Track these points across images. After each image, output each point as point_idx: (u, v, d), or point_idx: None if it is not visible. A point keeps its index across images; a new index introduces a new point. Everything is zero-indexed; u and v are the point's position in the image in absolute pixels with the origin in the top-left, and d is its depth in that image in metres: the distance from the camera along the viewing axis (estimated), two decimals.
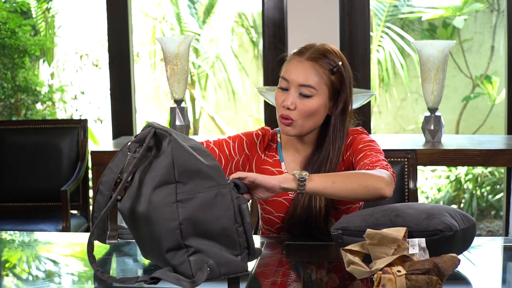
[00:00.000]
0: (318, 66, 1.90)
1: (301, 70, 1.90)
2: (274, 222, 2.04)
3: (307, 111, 1.90)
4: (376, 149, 1.94)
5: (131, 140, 1.60)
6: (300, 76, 1.90)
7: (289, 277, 1.68)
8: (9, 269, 1.79)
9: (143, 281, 1.49)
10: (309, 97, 1.90)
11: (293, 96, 1.90)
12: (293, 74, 1.91)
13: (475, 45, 5.74)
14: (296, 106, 1.90)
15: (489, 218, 5.34)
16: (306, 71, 1.90)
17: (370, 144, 1.95)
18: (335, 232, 1.68)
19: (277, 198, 2.01)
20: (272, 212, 2.03)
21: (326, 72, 1.91)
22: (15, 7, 5.06)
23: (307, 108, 1.90)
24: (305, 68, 1.90)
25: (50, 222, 3.42)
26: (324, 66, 1.91)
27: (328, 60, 1.91)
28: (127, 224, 1.60)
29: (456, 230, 1.60)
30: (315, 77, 1.90)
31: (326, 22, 3.79)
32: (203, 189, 1.50)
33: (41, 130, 3.77)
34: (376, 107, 5.84)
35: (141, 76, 6.12)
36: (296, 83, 1.90)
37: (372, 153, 1.92)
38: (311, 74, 1.90)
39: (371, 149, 1.93)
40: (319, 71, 1.90)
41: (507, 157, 3.20)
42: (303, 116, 1.90)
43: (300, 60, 1.91)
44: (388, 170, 1.82)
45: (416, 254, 1.49)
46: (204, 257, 1.49)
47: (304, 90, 1.90)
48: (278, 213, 2.02)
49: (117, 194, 1.56)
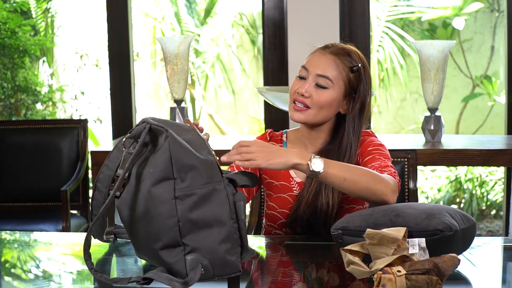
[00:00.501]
0: (339, 61, 1.94)
1: (322, 62, 1.94)
2: (276, 218, 2.04)
3: (321, 101, 1.93)
4: (385, 154, 1.96)
5: (126, 136, 1.59)
6: (320, 66, 1.94)
7: (289, 277, 1.68)
8: (9, 269, 1.79)
9: (135, 281, 1.49)
10: (324, 88, 1.93)
11: (310, 84, 1.94)
12: (313, 64, 1.95)
13: (475, 45, 5.74)
14: (311, 95, 1.93)
15: (489, 218, 5.34)
16: (327, 63, 1.94)
17: (379, 148, 1.98)
18: (335, 232, 1.68)
19: (282, 194, 2.03)
20: (276, 208, 2.04)
21: (346, 68, 1.94)
22: (15, 7, 5.06)
23: (321, 99, 1.93)
24: (326, 60, 1.94)
25: (50, 222, 3.42)
26: (345, 63, 1.94)
27: (350, 59, 1.95)
28: (123, 221, 1.59)
29: (456, 230, 1.60)
30: (334, 70, 1.93)
31: (326, 22, 3.79)
32: (200, 185, 1.50)
33: (41, 130, 3.77)
34: (376, 107, 5.84)
35: (141, 76, 6.13)
36: (315, 72, 1.94)
37: (381, 157, 1.94)
38: (330, 67, 1.93)
39: (380, 154, 1.95)
40: (339, 66, 1.94)
41: (507, 157, 3.20)
42: (316, 106, 1.93)
43: (324, 53, 1.96)
44: (396, 178, 1.84)
45: (416, 254, 1.49)
46: (200, 257, 1.49)
47: (321, 80, 1.93)
48: (281, 209, 2.03)
49: (115, 190, 1.55)
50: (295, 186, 2.03)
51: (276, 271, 1.70)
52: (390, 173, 1.86)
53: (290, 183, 2.03)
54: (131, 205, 1.54)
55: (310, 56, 1.99)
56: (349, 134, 1.97)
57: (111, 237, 1.75)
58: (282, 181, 2.04)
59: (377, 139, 2.02)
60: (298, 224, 2.00)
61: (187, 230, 1.49)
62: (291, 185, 2.03)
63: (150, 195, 1.50)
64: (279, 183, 2.04)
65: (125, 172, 1.55)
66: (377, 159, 1.93)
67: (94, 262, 1.76)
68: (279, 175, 2.04)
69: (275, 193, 2.05)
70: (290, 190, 2.03)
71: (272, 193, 2.06)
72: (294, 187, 2.03)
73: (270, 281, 1.63)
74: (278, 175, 2.04)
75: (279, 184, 2.04)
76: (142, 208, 1.51)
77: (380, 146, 1.99)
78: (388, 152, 1.99)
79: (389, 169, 1.88)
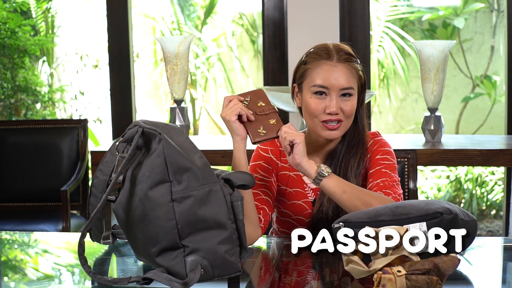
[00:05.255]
0: (351, 66, 1.93)
1: (341, 74, 1.91)
2: (292, 225, 2.03)
3: (351, 110, 1.92)
4: (392, 167, 1.96)
5: (119, 140, 1.59)
6: (341, 80, 1.91)
7: (289, 277, 1.68)
8: (9, 269, 1.79)
9: (135, 281, 1.49)
10: (349, 97, 1.92)
11: (336, 100, 1.91)
12: (332, 79, 1.91)
13: (475, 45, 5.74)
14: (340, 109, 1.91)
15: (489, 218, 5.34)
16: (346, 74, 1.92)
17: (387, 157, 1.98)
18: (336, 225, 1.68)
19: (296, 201, 2.02)
20: (291, 215, 2.03)
21: (357, 70, 1.94)
22: (15, 7, 5.06)
23: (350, 108, 1.92)
24: (344, 71, 1.92)
25: (50, 222, 3.42)
26: (355, 65, 1.94)
27: (355, 59, 1.95)
28: (121, 224, 1.58)
29: (456, 213, 1.60)
30: (353, 77, 1.93)
31: (326, 22, 3.79)
32: (196, 187, 1.50)
33: (41, 130, 3.77)
34: (376, 107, 5.84)
35: (141, 76, 6.13)
36: (338, 88, 1.91)
37: (387, 171, 1.94)
38: (349, 76, 1.92)
39: (387, 166, 1.96)
40: (352, 71, 1.93)
41: (507, 157, 3.20)
42: (347, 117, 1.93)
43: (334, 64, 1.92)
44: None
45: (416, 254, 1.49)
46: (200, 258, 1.49)
47: (345, 92, 1.92)
48: (297, 216, 2.02)
49: (108, 194, 1.54)
50: (310, 193, 2.02)
51: (276, 271, 1.69)
52: (394, 197, 1.88)
53: (304, 190, 2.02)
54: (127, 209, 1.53)
55: (319, 71, 1.92)
56: (360, 129, 1.99)
57: (108, 241, 1.75)
58: (296, 188, 2.02)
59: (386, 142, 2.02)
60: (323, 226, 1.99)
61: (186, 232, 1.49)
62: (306, 192, 2.02)
63: (147, 198, 1.49)
64: (293, 190, 2.03)
65: (118, 176, 1.54)
66: (383, 174, 1.94)
67: (94, 262, 1.77)
68: (293, 182, 2.03)
69: (288, 200, 2.03)
70: (305, 196, 2.02)
71: (285, 200, 2.04)
72: (309, 193, 2.02)
73: (270, 281, 1.63)
74: (292, 182, 2.03)
75: (293, 191, 2.03)
76: (139, 212, 1.50)
77: (388, 154, 1.99)
78: (395, 159, 1.99)
79: (394, 190, 1.90)
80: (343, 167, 1.97)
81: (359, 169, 1.97)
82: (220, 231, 1.51)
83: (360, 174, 1.98)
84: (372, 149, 2.00)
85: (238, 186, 1.58)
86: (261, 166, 2.01)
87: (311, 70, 1.93)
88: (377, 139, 2.02)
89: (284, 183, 2.03)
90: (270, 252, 1.88)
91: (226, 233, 1.51)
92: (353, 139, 1.99)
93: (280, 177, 2.03)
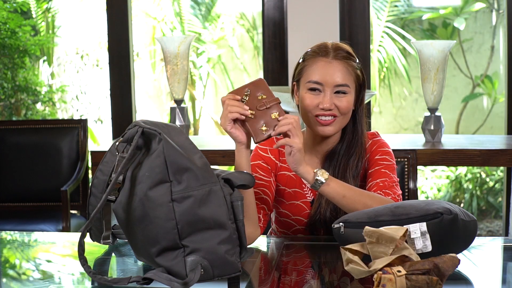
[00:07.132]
0: (347, 64, 1.92)
1: (336, 71, 1.91)
2: (291, 225, 2.03)
3: (345, 107, 1.91)
4: (391, 167, 1.96)
5: (119, 140, 1.59)
6: (336, 76, 1.91)
7: (289, 277, 1.68)
8: (9, 269, 1.79)
9: (135, 281, 1.49)
10: (344, 94, 1.92)
11: (330, 96, 1.91)
12: (327, 76, 1.91)
13: (475, 45, 5.74)
14: (335, 105, 1.91)
15: (489, 218, 5.34)
16: (341, 71, 1.91)
17: (386, 158, 1.98)
18: (336, 225, 1.68)
19: (295, 202, 2.02)
20: (289, 215, 2.03)
21: (354, 69, 1.94)
22: (15, 7, 5.06)
23: (345, 105, 1.91)
24: (339, 68, 1.91)
25: (50, 222, 3.42)
26: (352, 63, 1.93)
27: (353, 57, 1.95)
28: (121, 224, 1.58)
29: (456, 213, 1.60)
30: (349, 75, 1.92)
31: (326, 22, 3.79)
32: (196, 187, 1.50)
33: (41, 130, 3.78)
34: (376, 107, 5.84)
35: (141, 76, 6.13)
36: (332, 84, 1.91)
37: (386, 171, 1.94)
38: (345, 73, 1.92)
39: (386, 166, 1.96)
40: (348, 69, 1.92)
41: (507, 157, 3.20)
42: (342, 113, 1.92)
43: (329, 61, 1.92)
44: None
45: (415, 254, 1.49)
46: (200, 258, 1.49)
47: (340, 89, 1.91)
48: (295, 216, 2.02)
49: (108, 194, 1.54)
50: (309, 193, 2.02)
51: (276, 271, 1.70)
52: (393, 197, 1.89)
53: (303, 190, 2.02)
54: (127, 209, 1.53)
55: (315, 69, 1.92)
56: (361, 126, 1.98)
57: (108, 241, 1.75)
58: (295, 188, 2.02)
59: (385, 143, 2.02)
60: (320, 226, 1.99)
61: (186, 232, 1.49)
62: (305, 192, 2.02)
63: (147, 198, 1.49)
64: (291, 190, 2.03)
65: (118, 176, 1.54)
66: (382, 175, 1.94)
67: (94, 262, 1.77)
68: (292, 182, 2.03)
69: (287, 200, 2.03)
70: (303, 196, 2.02)
71: (284, 200, 2.04)
72: (307, 194, 2.02)
73: (270, 281, 1.63)
74: (290, 182, 2.03)
75: (291, 191, 2.03)
76: (139, 212, 1.50)
77: (387, 154, 1.99)
78: (394, 160, 1.99)
79: (393, 191, 1.90)
80: (341, 167, 1.97)
81: (358, 170, 1.97)
82: (220, 231, 1.51)
83: (358, 175, 1.98)
84: (371, 149, 2.00)
85: (238, 186, 1.58)
86: (260, 165, 2.00)
87: (308, 67, 1.94)
88: (376, 139, 2.02)
89: (283, 183, 2.03)
90: (270, 252, 1.88)
91: (226, 233, 1.51)
92: (352, 139, 1.98)
93: (279, 177, 2.03)
